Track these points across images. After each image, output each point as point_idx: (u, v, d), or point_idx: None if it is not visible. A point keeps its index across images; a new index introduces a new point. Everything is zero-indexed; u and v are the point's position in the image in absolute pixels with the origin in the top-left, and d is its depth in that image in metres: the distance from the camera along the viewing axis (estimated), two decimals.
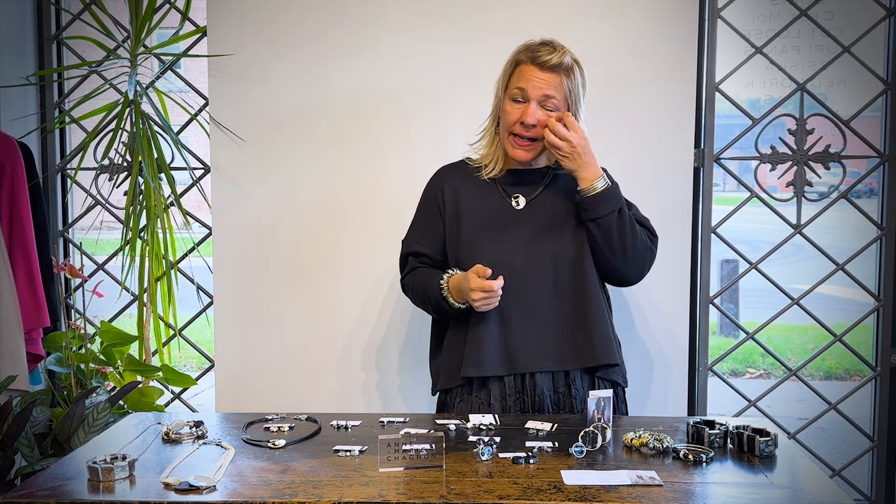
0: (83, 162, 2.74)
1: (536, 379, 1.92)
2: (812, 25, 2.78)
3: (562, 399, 1.93)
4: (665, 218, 2.53)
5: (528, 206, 1.98)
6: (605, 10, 2.53)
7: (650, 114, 2.54)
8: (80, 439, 2.19)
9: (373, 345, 2.62)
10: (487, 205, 1.98)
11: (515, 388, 1.92)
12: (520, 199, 1.99)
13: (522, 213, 1.97)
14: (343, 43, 2.57)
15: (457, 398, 1.97)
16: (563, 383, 1.94)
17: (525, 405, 1.93)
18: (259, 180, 2.61)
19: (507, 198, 1.99)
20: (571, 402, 1.93)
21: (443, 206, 2.01)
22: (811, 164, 2.74)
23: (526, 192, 1.99)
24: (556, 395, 1.94)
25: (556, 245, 1.94)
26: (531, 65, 1.89)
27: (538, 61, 1.89)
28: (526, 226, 1.95)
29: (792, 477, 1.50)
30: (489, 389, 1.93)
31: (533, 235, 1.94)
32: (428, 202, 2.06)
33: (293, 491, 1.38)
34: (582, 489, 1.40)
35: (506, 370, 1.91)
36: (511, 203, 1.98)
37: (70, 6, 2.94)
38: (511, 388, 1.92)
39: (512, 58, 1.95)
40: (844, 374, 6.64)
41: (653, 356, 2.59)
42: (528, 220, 1.96)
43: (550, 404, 1.93)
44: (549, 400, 1.93)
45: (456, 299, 1.90)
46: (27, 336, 2.54)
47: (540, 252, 1.93)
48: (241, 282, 2.64)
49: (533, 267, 1.92)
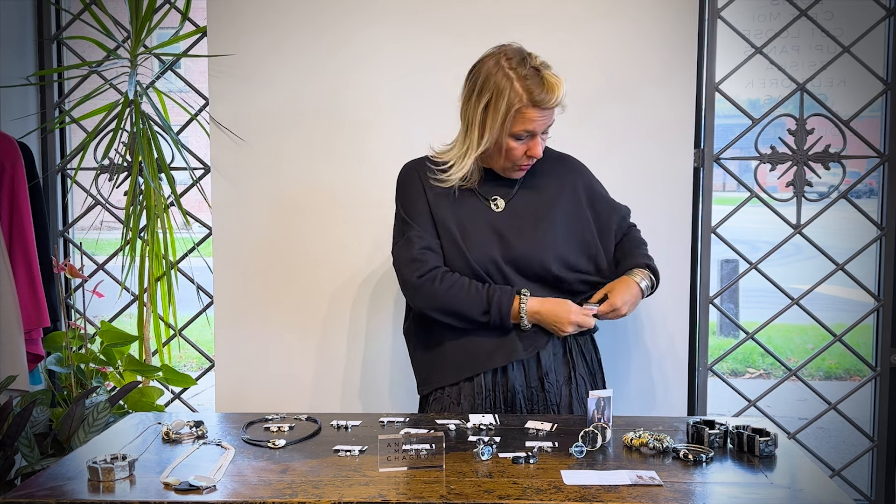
0: (83, 162, 2.74)
1: (509, 374, 1.93)
2: (812, 25, 2.78)
3: (535, 394, 1.94)
4: (665, 218, 2.53)
5: (506, 208, 1.96)
6: (605, 10, 2.53)
7: (650, 114, 2.54)
8: (80, 439, 2.19)
9: (373, 345, 2.62)
10: (468, 208, 1.95)
11: (484, 387, 1.93)
12: (498, 202, 1.97)
13: (503, 215, 1.96)
14: (343, 43, 2.57)
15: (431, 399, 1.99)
16: (535, 377, 1.94)
17: (497, 402, 1.93)
18: (259, 180, 2.61)
19: (485, 201, 1.97)
20: (545, 396, 1.94)
21: (429, 205, 1.95)
22: (811, 164, 2.74)
23: (502, 194, 1.97)
24: (529, 391, 1.94)
25: (541, 244, 1.93)
26: (532, 108, 1.83)
27: (542, 106, 1.83)
28: (507, 228, 1.94)
29: (792, 477, 1.50)
30: (459, 387, 1.94)
31: (515, 238, 1.93)
32: (415, 199, 1.97)
33: (293, 491, 1.39)
34: (582, 489, 1.40)
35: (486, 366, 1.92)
36: (490, 206, 1.96)
37: (70, 6, 2.94)
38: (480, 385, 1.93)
39: (508, 99, 1.82)
40: (844, 374, 6.63)
41: (653, 356, 2.59)
42: (508, 223, 1.94)
43: (523, 400, 1.94)
44: (522, 395, 1.94)
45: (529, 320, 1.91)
46: (27, 336, 2.54)
47: (526, 252, 1.92)
48: (241, 282, 2.64)
49: (521, 266, 1.93)
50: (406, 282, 1.92)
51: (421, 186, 1.96)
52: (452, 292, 1.88)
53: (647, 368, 2.59)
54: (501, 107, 1.83)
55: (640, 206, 2.25)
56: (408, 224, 1.96)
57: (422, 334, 2.02)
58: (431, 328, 1.98)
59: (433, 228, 1.94)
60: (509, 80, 1.82)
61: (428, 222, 1.94)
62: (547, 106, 1.83)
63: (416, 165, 2.02)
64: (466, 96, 1.91)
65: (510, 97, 1.82)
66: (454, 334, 1.94)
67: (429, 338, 2.00)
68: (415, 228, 1.94)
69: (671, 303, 2.56)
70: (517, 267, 1.93)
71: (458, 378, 1.94)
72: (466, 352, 1.93)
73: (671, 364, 2.59)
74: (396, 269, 1.96)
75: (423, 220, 1.95)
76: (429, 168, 1.97)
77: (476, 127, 1.87)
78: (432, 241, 1.93)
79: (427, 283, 1.89)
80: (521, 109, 1.83)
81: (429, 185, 1.96)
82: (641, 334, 2.58)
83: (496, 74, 1.84)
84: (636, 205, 2.22)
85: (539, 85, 1.82)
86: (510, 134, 1.86)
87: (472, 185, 1.96)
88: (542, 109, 1.84)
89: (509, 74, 1.83)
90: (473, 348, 1.93)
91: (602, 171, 2.40)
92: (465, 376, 1.93)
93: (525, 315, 1.89)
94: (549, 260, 1.92)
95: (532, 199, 1.98)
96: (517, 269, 1.93)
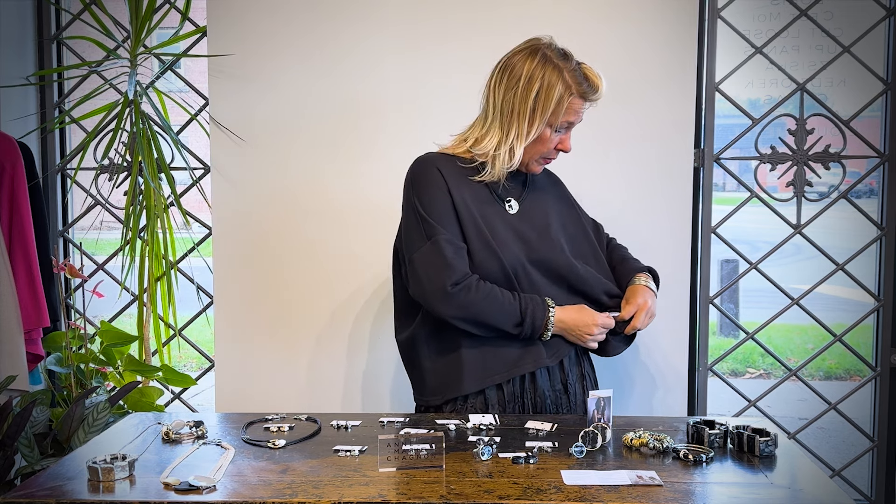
0: (83, 162, 2.74)
1: (537, 380, 1.92)
2: (812, 25, 2.78)
3: (559, 397, 1.94)
4: (665, 218, 2.53)
5: (520, 210, 1.96)
6: (605, 10, 2.53)
7: (650, 114, 2.54)
8: (80, 439, 2.19)
9: (374, 345, 2.62)
10: (488, 209, 1.92)
11: (515, 394, 1.91)
12: (512, 204, 1.96)
13: (517, 217, 1.95)
14: (344, 43, 2.57)
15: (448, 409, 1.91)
16: (559, 380, 1.94)
17: (526, 409, 1.92)
18: (259, 180, 2.61)
19: (501, 203, 1.95)
20: (568, 398, 1.95)
21: (454, 205, 1.87)
22: (811, 164, 2.74)
23: (515, 195, 1.97)
24: (555, 394, 1.94)
25: (559, 245, 1.94)
26: (580, 99, 1.88)
27: (588, 98, 1.89)
28: (527, 230, 1.93)
29: (792, 477, 1.50)
30: (485, 396, 1.90)
31: (535, 240, 1.93)
32: (437, 197, 1.87)
33: (293, 491, 1.38)
34: (582, 489, 1.40)
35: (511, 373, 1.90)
36: (505, 208, 1.95)
37: (70, 6, 2.94)
38: (510, 393, 1.90)
39: (559, 89, 1.85)
40: (844, 374, 6.64)
41: (653, 356, 2.59)
42: (525, 225, 1.94)
43: (551, 404, 1.93)
44: (550, 400, 1.93)
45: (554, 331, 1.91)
46: (27, 336, 2.54)
47: (549, 253, 1.92)
48: (241, 282, 2.64)
49: (546, 268, 1.92)
50: (436, 290, 1.81)
51: (444, 183, 1.87)
52: (487, 303, 1.82)
53: (647, 368, 2.59)
54: (554, 96, 1.85)
55: (640, 206, 2.26)
56: (431, 225, 1.85)
57: (433, 342, 1.94)
58: (445, 336, 1.91)
59: (458, 229, 1.86)
60: (559, 71, 1.86)
61: (453, 223, 1.86)
62: (592, 98, 1.90)
63: (434, 160, 1.91)
64: (505, 88, 1.87)
65: (561, 88, 1.85)
66: (473, 342, 1.88)
67: (442, 346, 1.92)
68: (441, 231, 1.84)
69: (671, 303, 2.55)
70: (542, 269, 1.92)
71: (480, 386, 1.88)
72: (492, 359, 1.89)
73: (671, 364, 2.59)
74: (420, 274, 1.84)
75: (447, 220, 1.85)
76: (453, 162, 1.91)
77: (526, 117, 1.86)
78: (460, 244, 1.85)
79: (461, 291, 1.81)
80: (571, 99, 1.87)
81: (451, 182, 1.88)
82: (641, 334, 2.58)
83: (545, 66, 1.86)
84: (636, 205, 2.22)
85: (585, 79, 1.88)
86: (552, 125, 1.88)
87: (500, 177, 1.92)
88: (586, 102, 1.90)
89: (559, 65, 1.86)
90: (499, 356, 1.89)
91: (602, 172, 2.41)
92: (494, 383, 1.89)
93: (552, 327, 1.88)
94: (571, 261, 1.94)
95: (538, 203, 1.99)
96: (542, 272, 1.92)
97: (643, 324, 1.97)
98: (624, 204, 2.52)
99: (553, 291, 1.92)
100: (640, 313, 1.96)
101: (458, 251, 1.84)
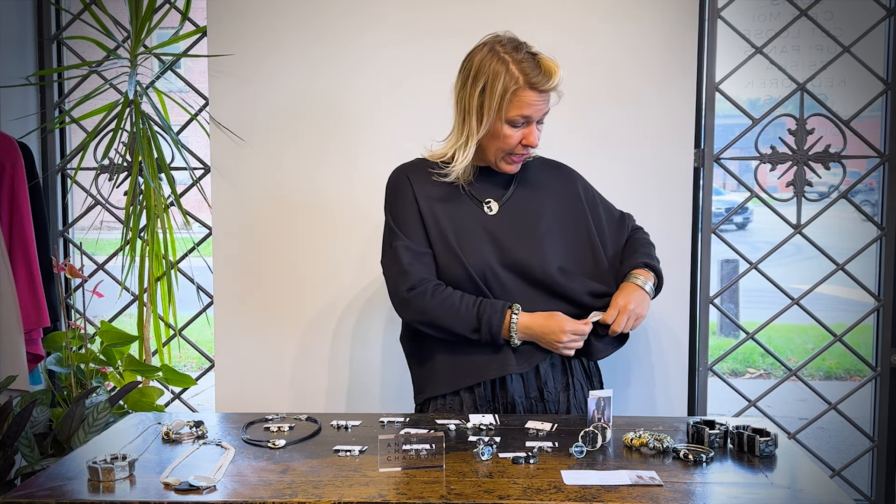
0: (83, 162, 2.74)
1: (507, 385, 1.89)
2: (812, 25, 2.78)
3: (534, 404, 1.91)
4: (665, 218, 2.53)
5: (500, 211, 1.92)
6: (605, 10, 2.53)
7: (650, 114, 2.54)
8: (80, 439, 2.19)
9: (373, 345, 2.62)
10: (460, 212, 1.89)
11: (484, 398, 1.89)
12: (492, 205, 1.92)
13: (496, 218, 1.91)
14: (344, 43, 2.57)
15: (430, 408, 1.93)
16: (534, 387, 1.91)
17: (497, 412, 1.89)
18: (259, 180, 2.61)
19: (478, 204, 1.92)
20: (545, 405, 1.91)
21: (420, 211, 1.89)
22: (811, 164, 2.74)
23: (495, 196, 1.93)
24: (528, 401, 1.91)
25: (540, 248, 1.89)
26: (530, 90, 1.80)
27: (539, 88, 1.80)
28: (503, 232, 1.89)
29: (792, 477, 1.50)
30: (460, 396, 1.90)
31: (512, 242, 1.88)
32: (404, 206, 1.90)
33: (293, 491, 1.38)
34: (582, 489, 1.40)
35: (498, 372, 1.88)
36: (483, 209, 1.91)
37: (70, 6, 2.95)
38: (481, 396, 1.89)
39: (504, 81, 1.79)
40: (844, 374, 6.64)
41: (653, 356, 2.59)
42: (504, 226, 1.90)
43: (523, 410, 1.91)
44: (522, 406, 1.90)
45: (520, 337, 1.85)
46: (27, 336, 2.54)
47: (524, 257, 1.87)
48: (241, 282, 2.64)
49: (521, 272, 1.88)
50: (394, 295, 1.87)
51: (410, 191, 1.90)
52: (443, 309, 1.82)
53: (647, 368, 2.59)
54: (498, 89, 1.80)
55: (640, 206, 2.25)
56: (394, 233, 1.90)
57: (414, 344, 1.97)
58: (423, 338, 1.92)
59: (423, 236, 1.88)
60: (504, 63, 1.81)
61: (417, 230, 1.88)
62: (544, 88, 1.81)
63: (405, 169, 1.96)
64: (461, 84, 1.88)
65: (506, 80, 1.80)
66: (445, 346, 1.89)
67: (420, 348, 1.95)
68: (401, 238, 1.88)
69: (671, 303, 2.55)
70: (517, 272, 1.87)
71: (452, 388, 1.89)
72: (460, 363, 1.88)
73: (671, 364, 2.59)
74: (386, 280, 1.91)
75: (411, 228, 1.88)
76: (424, 168, 1.93)
77: (474, 113, 1.84)
78: (421, 250, 1.87)
79: (417, 296, 1.83)
80: (517, 92, 1.79)
81: (420, 188, 1.90)
82: (641, 334, 2.58)
83: (491, 59, 1.82)
84: (636, 205, 2.22)
85: (535, 68, 1.80)
86: (506, 119, 1.82)
87: (467, 179, 1.91)
88: (539, 93, 1.81)
89: (504, 58, 1.81)
90: (467, 360, 1.87)
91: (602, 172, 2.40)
92: (461, 387, 1.89)
93: (515, 333, 1.83)
94: (549, 264, 1.87)
95: (528, 202, 1.94)
96: (517, 275, 1.87)
97: (624, 327, 1.88)
98: (624, 204, 2.50)
99: (529, 295, 1.87)
100: (620, 317, 1.88)
101: (418, 257, 1.86)
